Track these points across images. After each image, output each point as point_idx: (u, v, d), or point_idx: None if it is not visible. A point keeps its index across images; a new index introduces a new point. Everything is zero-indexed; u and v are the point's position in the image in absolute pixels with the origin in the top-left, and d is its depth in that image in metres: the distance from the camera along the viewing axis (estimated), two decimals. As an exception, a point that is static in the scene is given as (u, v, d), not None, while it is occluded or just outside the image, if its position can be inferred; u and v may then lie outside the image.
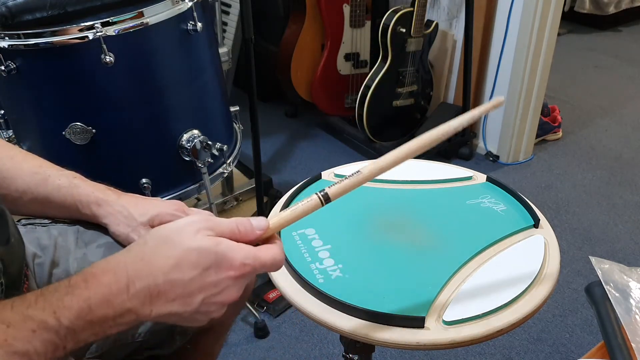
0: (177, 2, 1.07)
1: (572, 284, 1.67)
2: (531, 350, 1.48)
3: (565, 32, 3.50)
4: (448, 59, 2.31)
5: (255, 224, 0.53)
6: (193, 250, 0.49)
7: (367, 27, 2.25)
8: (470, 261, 0.73)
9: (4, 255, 0.64)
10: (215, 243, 0.49)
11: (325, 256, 0.73)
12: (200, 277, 0.49)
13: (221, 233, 0.51)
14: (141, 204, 0.75)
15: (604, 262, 0.71)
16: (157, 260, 0.49)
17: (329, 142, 2.43)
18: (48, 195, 0.74)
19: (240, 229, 0.52)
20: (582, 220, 1.95)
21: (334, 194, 0.58)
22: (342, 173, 0.91)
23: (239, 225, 0.52)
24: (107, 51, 0.99)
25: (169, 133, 1.15)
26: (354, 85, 2.32)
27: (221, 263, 0.49)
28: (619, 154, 2.33)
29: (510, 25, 2.05)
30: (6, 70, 1.00)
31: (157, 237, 0.50)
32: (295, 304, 0.68)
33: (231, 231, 0.51)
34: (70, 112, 1.06)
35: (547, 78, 2.14)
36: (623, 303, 0.66)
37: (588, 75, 3.06)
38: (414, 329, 0.63)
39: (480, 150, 2.33)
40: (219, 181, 1.37)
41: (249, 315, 1.55)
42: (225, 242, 0.50)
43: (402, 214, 0.82)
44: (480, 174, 0.92)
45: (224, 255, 0.49)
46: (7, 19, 0.99)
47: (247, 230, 0.52)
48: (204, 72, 1.20)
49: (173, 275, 0.48)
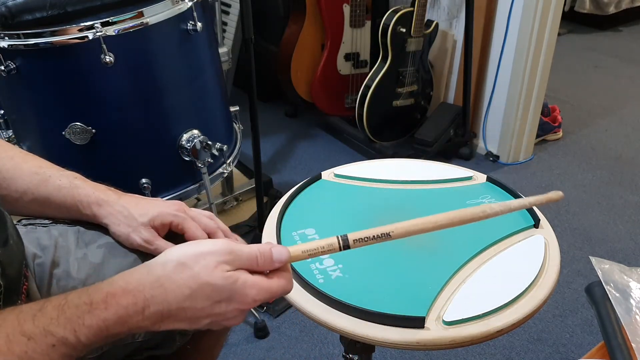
0: (177, 2, 1.07)
1: (572, 284, 1.67)
2: (531, 350, 1.48)
3: (565, 32, 3.50)
4: (448, 59, 2.31)
5: (275, 257, 0.54)
6: (208, 285, 0.51)
7: (367, 27, 2.25)
8: (470, 261, 0.73)
9: (2, 257, 0.64)
10: (233, 281, 0.51)
11: (325, 256, 0.73)
12: (211, 308, 0.52)
13: (240, 265, 0.52)
14: (142, 204, 0.75)
15: (604, 262, 0.71)
16: (173, 289, 0.51)
17: (329, 142, 2.43)
18: (48, 196, 0.74)
19: (260, 262, 0.53)
20: (582, 220, 1.95)
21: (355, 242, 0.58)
22: (342, 173, 0.91)
23: (260, 257, 0.53)
24: (107, 51, 0.99)
25: (169, 133, 1.15)
26: (354, 85, 2.32)
27: (233, 298, 0.52)
28: (619, 154, 2.33)
29: (510, 25, 2.05)
30: (6, 70, 1.00)
31: (175, 262, 0.52)
32: (295, 304, 0.68)
33: (250, 263, 0.53)
34: (70, 112, 1.06)
35: (547, 78, 2.14)
36: (623, 303, 0.66)
37: (588, 75, 3.06)
38: (414, 329, 0.63)
39: (480, 150, 2.33)
40: (219, 181, 1.37)
41: (249, 315, 1.55)
42: (242, 279, 0.52)
43: (403, 214, 0.82)
44: (480, 174, 0.92)
45: (238, 292, 0.52)
46: (7, 19, 0.99)
47: (267, 263, 0.54)
48: (204, 72, 1.20)
49: (186, 303, 0.51)
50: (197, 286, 0.51)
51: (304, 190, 0.87)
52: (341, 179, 0.91)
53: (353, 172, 0.91)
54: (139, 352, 0.85)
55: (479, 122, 2.31)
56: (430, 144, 2.12)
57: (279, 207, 0.82)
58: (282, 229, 0.78)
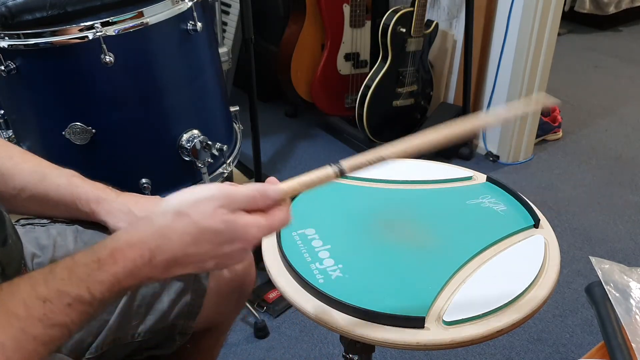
0: (177, 2, 1.07)
1: (572, 284, 1.67)
2: (531, 350, 1.48)
3: (565, 32, 3.50)
4: (448, 59, 2.31)
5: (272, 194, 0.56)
6: (209, 230, 0.52)
7: (367, 27, 2.25)
8: (470, 261, 0.73)
9: (2, 257, 0.64)
10: (232, 222, 0.53)
11: (325, 256, 0.73)
12: (214, 250, 0.53)
13: (238, 207, 0.54)
14: (141, 201, 0.75)
15: (604, 262, 0.71)
16: (176, 237, 0.52)
17: (329, 142, 2.43)
18: (46, 193, 0.74)
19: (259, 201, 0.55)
20: (582, 220, 1.95)
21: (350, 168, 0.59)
22: (342, 173, 0.91)
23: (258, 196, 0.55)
24: (107, 51, 0.99)
25: (169, 133, 1.15)
26: (354, 85, 2.32)
27: (235, 239, 0.53)
28: (619, 154, 2.33)
29: (510, 25, 2.05)
30: (6, 70, 1.00)
31: (173, 211, 0.53)
32: (295, 304, 0.68)
33: (248, 203, 0.54)
34: (70, 112, 1.06)
35: (547, 78, 2.14)
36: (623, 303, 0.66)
37: (588, 75, 3.06)
38: (414, 329, 0.63)
39: (480, 150, 2.33)
40: (218, 181, 1.37)
41: (249, 315, 1.55)
42: (241, 220, 0.53)
43: (403, 214, 0.82)
44: (480, 174, 0.92)
45: (239, 232, 0.53)
46: (7, 19, 0.99)
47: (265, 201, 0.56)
48: (204, 72, 1.20)
49: (190, 249, 0.52)
50: (199, 232, 0.52)
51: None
52: (341, 179, 0.91)
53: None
54: (139, 352, 0.85)
55: (479, 122, 2.30)
56: (430, 144, 2.12)
57: (279, 207, 0.82)
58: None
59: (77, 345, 0.77)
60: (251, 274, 0.95)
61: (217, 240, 0.53)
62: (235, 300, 0.95)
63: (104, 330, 0.78)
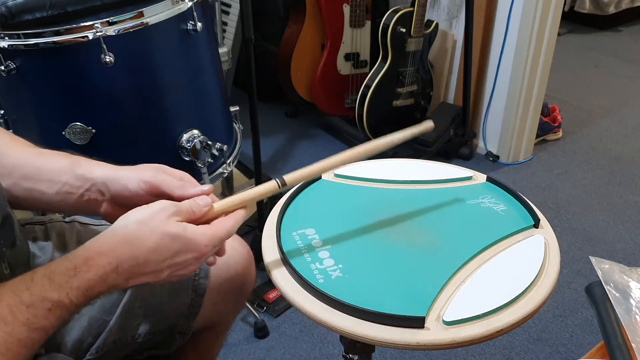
0: (177, 2, 1.07)
1: (572, 284, 1.67)
2: (531, 350, 1.48)
3: (565, 32, 3.50)
4: (448, 59, 2.31)
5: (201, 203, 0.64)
6: (167, 234, 0.58)
7: (367, 27, 2.25)
8: (470, 261, 0.73)
9: (11, 259, 0.64)
10: (183, 228, 0.60)
11: (325, 256, 0.73)
12: (172, 258, 0.59)
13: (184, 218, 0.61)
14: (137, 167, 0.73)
15: (604, 262, 0.71)
16: (139, 244, 0.58)
17: (329, 142, 2.43)
18: (40, 166, 0.70)
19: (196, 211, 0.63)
20: (582, 220, 1.95)
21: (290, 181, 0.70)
22: (342, 173, 0.91)
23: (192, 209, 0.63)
24: (107, 51, 0.99)
25: (169, 133, 1.15)
26: (354, 85, 2.32)
27: (188, 247, 0.60)
28: (619, 154, 2.33)
29: (510, 25, 2.05)
30: (6, 70, 1.00)
31: (134, 222, 0.59)
32: (295, 304, 0.68)
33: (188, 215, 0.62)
34: (70, 112, 1.06)
35: (547, 78, 2.14)
36: (623, 303, 0.66)
37: (588, 75, 3.06)
38: (414, 329, 0.63)
39: (480, 150, 2.33)
40: (219, 181, 1.37)
41: (249, 315, 1.55)
42: (190, 229, 0.60)
43: (403, 214, 0.82)
44: (480, 174, 0.92)
45: (191, 240, 0.60)
46: (7, 19, 0.99)
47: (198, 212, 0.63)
48: (204, 72, 1.20)
49: (151, 256, 0.58)
50: (159, 237, 0.58)
51: (304, 190, 0.87)
52: (341, 179, 0.91)
53: (353, 172, 0.91)
54: (139, 352, 0.85)
55: (479, 122, 2.31)
56: (430, 144, 2.12)
57: (279, 207, 0.82)
58: (282, 229, 0.78)
59: (77, 346, 0.77)
60: (251, 273, 0.95)
61: (174, 247, 0.59)
62: (235, 300, 0.95)
63: (104, 331, 0.78)
